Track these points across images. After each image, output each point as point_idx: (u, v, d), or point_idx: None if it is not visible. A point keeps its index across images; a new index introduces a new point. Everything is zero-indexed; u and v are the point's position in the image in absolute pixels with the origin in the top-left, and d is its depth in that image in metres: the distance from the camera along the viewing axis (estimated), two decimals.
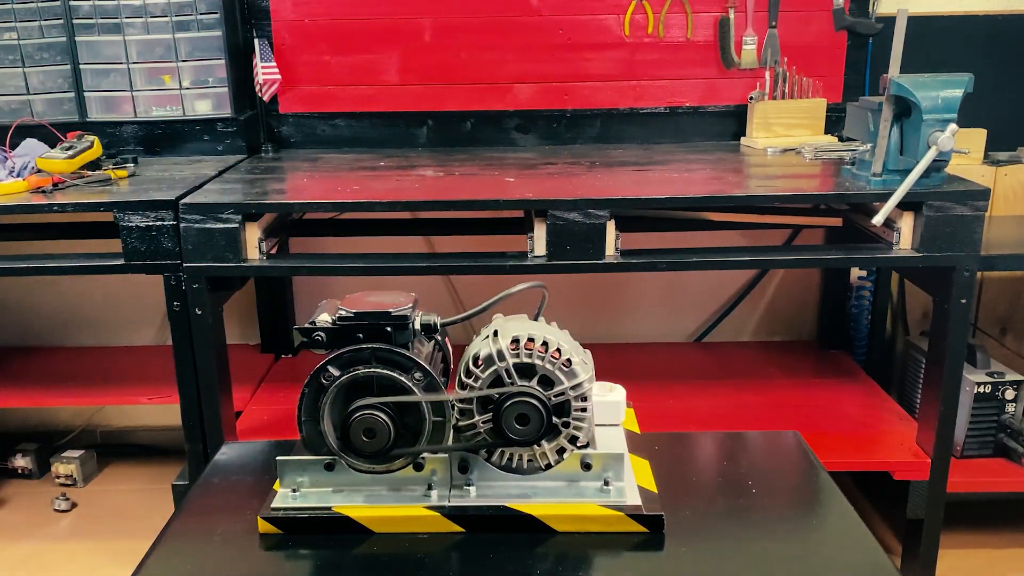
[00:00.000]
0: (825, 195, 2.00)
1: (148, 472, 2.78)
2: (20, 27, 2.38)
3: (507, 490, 0.99)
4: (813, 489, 1.10)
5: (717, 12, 2.49)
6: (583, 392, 0.94)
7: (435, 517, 0.97)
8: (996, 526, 2.39)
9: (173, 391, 2.11)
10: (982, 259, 1.91)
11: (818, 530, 1.01)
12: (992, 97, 2.35)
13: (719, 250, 2.01)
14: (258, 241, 1.94)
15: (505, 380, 0.93)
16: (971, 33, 2.53)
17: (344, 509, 0.97)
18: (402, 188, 2.05)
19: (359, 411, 0.93)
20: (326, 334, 0.96)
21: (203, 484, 1.13)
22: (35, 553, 2.39)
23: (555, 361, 0.93)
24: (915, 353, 2.36)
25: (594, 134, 2.59)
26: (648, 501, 0.98)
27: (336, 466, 0.99)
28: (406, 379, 0.94)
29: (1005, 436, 2.17)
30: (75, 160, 2.16)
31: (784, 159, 2.30)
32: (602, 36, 2.51)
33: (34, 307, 2.78)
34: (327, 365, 0.95)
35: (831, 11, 2.47)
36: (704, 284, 2.75)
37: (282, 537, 0.97)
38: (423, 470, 0.98)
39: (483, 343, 0.95)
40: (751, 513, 1.02)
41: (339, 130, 2.58)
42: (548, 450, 0.96)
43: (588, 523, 0.97)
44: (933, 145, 1.79)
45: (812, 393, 2.42)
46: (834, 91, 2.53)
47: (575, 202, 1.87)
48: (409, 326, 0.96)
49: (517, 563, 0.92)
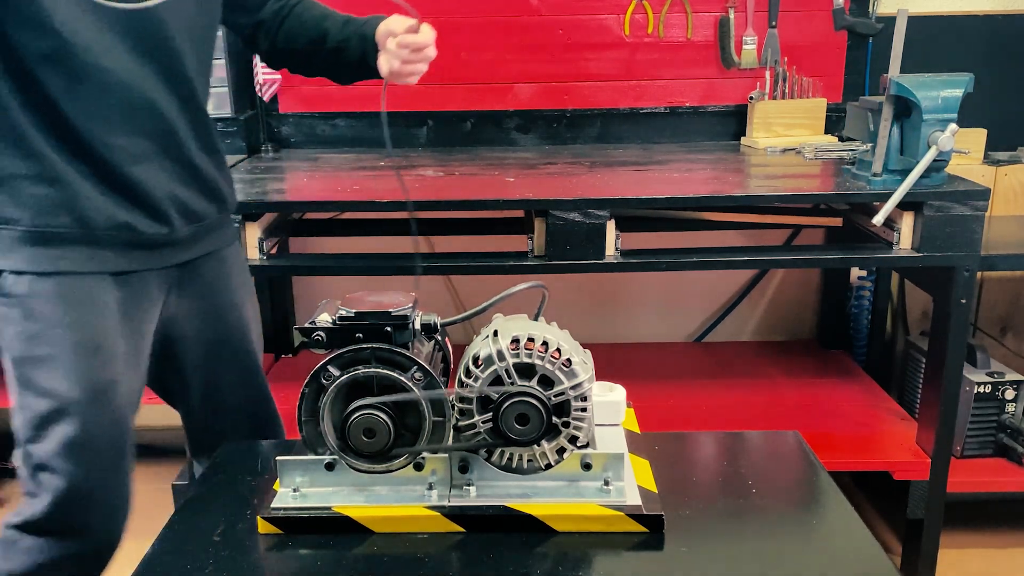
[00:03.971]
0: (825, 195, 2.00)
1: (148, 472, 2.77)
2: None
3: (507, 490, 0.99)
4: (813, 489, 1.10)
5: (717, 12, 2.49)
6: (583, 392, 0.94)
7: (435, 517, 0.97)
8: (996, 526, 2.39)
9: None
10: (982, 259, 1.91)
11: (818, 530, 1.01)
12: (992, 97, 2.35)
13: (719, 250, 2.01)
14: (258, 241, 1.94)
15: (505, 380, 0.93)
16: (971, 33, 2.53)
17: (344, 509, 0.98)
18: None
19: (359, 411, 0.93)
20: (326, 334, 0.96)
21: (203, 484, 1.13)
22: None
23: (555, 361, 0.93)
24: (915, 353, 2.36)
25: (594, 134, 2.59)
26: (648, 501, 0.98)
27: (336, 466, 0.99)
28: (406, 379, 0.94)
29: (1005, 436, 2.17)
30: None
31: (784, 159, 2.30)
32: (602, 36, 2.51)
33: None
34: (327, 365, 0.95)
35: (831, 11, 2.47)
36: (704, 284, 2.75)
37: (282, 537, 0.98)
38: (423, 470, 0.99)
39: (483, 343, 0.95)
40: (751, 513, 1.02)
41: (339, 130, 2.58)
42: (548, 450, 0.96)
43: (588, 523, 0.97)
44: (933, 145, 1.79)
45: (812, 393, 2.42)
46: (834, 91, 2.53)
47: (575, 202, 1.87)
48: (409, 326, 0.96)
49: (517, 563, 0.92)
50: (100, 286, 1.33)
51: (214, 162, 1.45)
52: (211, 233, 1.48)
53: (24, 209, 1.28)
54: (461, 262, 2.04)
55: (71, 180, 1.28)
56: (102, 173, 1.30)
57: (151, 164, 1.33)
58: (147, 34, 1.29)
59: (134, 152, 1.31)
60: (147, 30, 1.29)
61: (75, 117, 1.26)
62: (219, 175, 1.47)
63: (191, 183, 1.40)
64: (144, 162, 1.32)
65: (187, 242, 1.43)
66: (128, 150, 1.30)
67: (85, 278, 1.32)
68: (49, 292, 1.29)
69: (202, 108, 1.41)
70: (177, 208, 1.38)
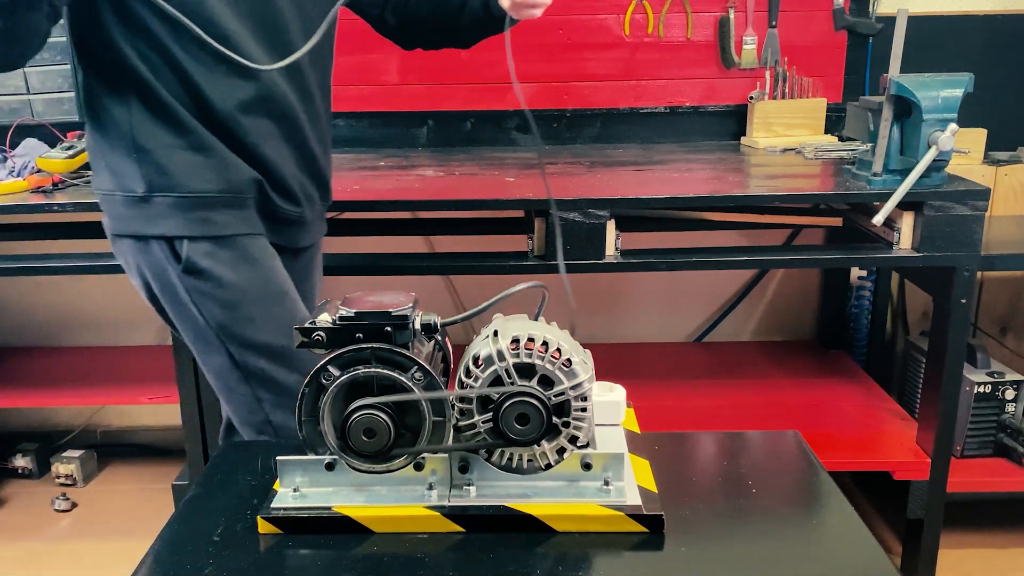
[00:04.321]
0: (825, 195, 2.00)
1: (148, 472, 2.78)
2: None
3: (507, 490, 0.99)
4: (813, 489, 1.10)
5: (717, 12, 2.49)
6: (583, 392, 0.94)
7: (435, 517, 0.97)
8: (996, 526, 2.39)
9: (173, 391, 2.11)
10: (982, 259, 1.91)
11: (818, 530, 1.01)
12: (992, 97, 2.35)
13: (719, 250, 2.01)
14: None
15: (505, 380, 0.93)
16: (971, 33, 2.53)
17: (344, 509, 0.97)
18: (402, 188, 2.06)
19: (359, 411, 0.93)
20: (326, 334, 0.96)
21: (203, 484, 1.13)
22: (35, 553, 2.39)
23: (555, 361, 0.93)
24: (915, 353, 2.36)
25: (594, 134, 2.59)
26: (648, 501, 0.98)
27: (336, 466, 0.99)
28: (406, 379, 0.94)
29: (1005, 436, 2.17)
30: (75, 160, 2.16)
31: (784, 159, 2.30)
32: (602, 36, 2.51)
33: (34, 307, 2.78)
34: (327, 365, 0.95)
35: (831, 11, 2.47)
36: (704, 284, 2.75)
37: (282, 537, 0.98)
38: (423, 470, 0.98)
39: (483, 343, 0.95)
40: (751, 513, 1.02)
41: (339, 130, 2.58)
42: (548, 450, 0.96)
43: (588, 523, 0.97)
44: (933, 145, 1.79)
45: (812, 393, 2.42)
46: (834, 91, 2.53)
47: (575, 202, 1.87)
48: (409, 326, 0.96)
49: (517, 563, 0.92)
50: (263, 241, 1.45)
51: (325, 153, 1.57)
52: (316, 222, 1.60)
53: (183, 176, 1.37)
54: (461, 262, 2.04)
55: (219, 149, 1.39)
56: (239, 148, 1.40)
57: (277, 144, 1.44)
58: (268, 23, 1.40)
59: (262, 132, 1.41)
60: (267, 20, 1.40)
61: (213, 97, 1.36)
62: (328, 167, 1.59)
63: (306, 169, 1.52)
64: (271, 142, 1.43)
65: (308, 226, 1.56)
66: (257, 129, 1.41)
67: (256, 238, 1.44)
68: (227, 256, 1.39)
69: (315, 97, 1.51)
70: (302, 191, 1.50)
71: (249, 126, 1.40)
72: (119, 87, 1.37)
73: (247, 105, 1.38)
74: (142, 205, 1.38)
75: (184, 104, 1.36)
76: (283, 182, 1.46)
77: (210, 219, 1.39)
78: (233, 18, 1.36)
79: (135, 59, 1.34)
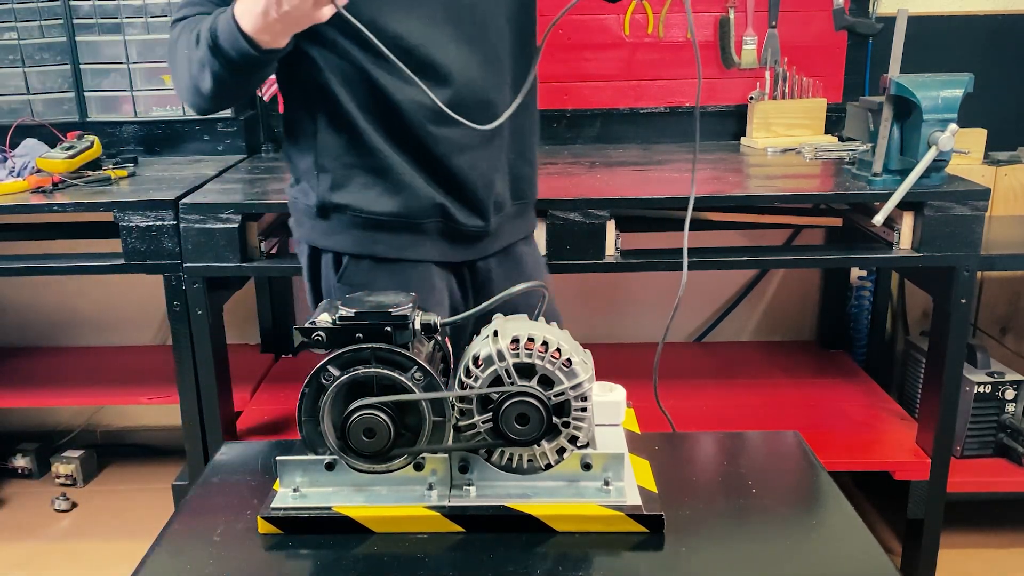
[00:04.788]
0: (825, 195, 2.00)
1: (148, 472, 2.78)
2: (20, 27, 2.38)
3: (507, 490, 0.99)
4: (813, 489, 1.10)
5: (717, 12, 2.49)
6: (583, 392, 0.94)
7: (435, 517, 0.97)
8: (996, 526, 2.39)
9: (173, 391, 2.11)
10: (982, 259, 1.91)
11: (818, 530, 1.01)
12: (992, 97, 2.35)
13: (719, 250, 2.01)
14: (258, 241, 1.94)
15: (505, 380, 0.93)
16: (971, 33, 2.53)
17: (344, 509, 0.97)
18: None
19: (359, 411, 0.93)
20: (326, 334, 0.96)
21: (203, 484, 1.13)
22: (35, 553, 2.39)
23: (555, 361, 0.93)
24: (915, 353, 2.36)
25: (594, 134, 2.59)
26: (648, 501, 0.98)
27: (336, 466, 0.99)
28: (406, 379, 0.94)
29: (1005, 436, 2.17)
30: (75, 160, 2.16)
31: (784, 159, 2.30)
32: (602, 36, 2.51)
33: (34, 307, 2.78)
34: (327, 365, 0.95)
35: (831, 11, 2.47)
36: (704, 284, 2.74)
37: (282, 537, 0.98)
38: (423, 470, 0.98)
39: (483, 343, 0.95)
40: (751, 513, 1.02)
41: None
42: (548, 450, 0.96)
43: (588, 523, 0.97)
44: (933, 145, 1.79)
45: (812, 393, 2.42)
46: (834, 91, 2.53)
47: (575, 202, 1.87)
48: (409, 326, 0.96)
49: (517, 563, 0.92)
50: (429, 271, 1.43)
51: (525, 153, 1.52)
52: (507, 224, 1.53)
53: (357, 196, 1.38)
54: None
55: (400, 171, 1.37)
56: (426, 163, 1.38)
57: (474, 153, 1.40)
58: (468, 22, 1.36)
59: (460, 142, 1.38)
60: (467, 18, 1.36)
61: (406, 109, 1.34)
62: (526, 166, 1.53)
63: (502, 173, 1.47)
64: (468, 151, 1.39)
65: (495, 234, 1.51)
66: (453, 139, 1.37)
67: (417, 265, 1.42)
68: (384, 277, 1.40)
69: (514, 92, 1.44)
70: (492, 199, 1.45)
71: (442, 137, 1.36)
72: (309, 101, 1.38)
73: (439, 113, 1.29)
74: (318, 219, 1.43)
75: (371, 116, 1.35)
76: (473, 194, 1.42)
77: (378, 240, 1.40)
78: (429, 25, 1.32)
79: (327, 71, 1.34)
